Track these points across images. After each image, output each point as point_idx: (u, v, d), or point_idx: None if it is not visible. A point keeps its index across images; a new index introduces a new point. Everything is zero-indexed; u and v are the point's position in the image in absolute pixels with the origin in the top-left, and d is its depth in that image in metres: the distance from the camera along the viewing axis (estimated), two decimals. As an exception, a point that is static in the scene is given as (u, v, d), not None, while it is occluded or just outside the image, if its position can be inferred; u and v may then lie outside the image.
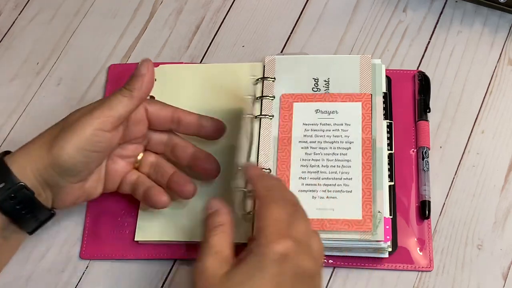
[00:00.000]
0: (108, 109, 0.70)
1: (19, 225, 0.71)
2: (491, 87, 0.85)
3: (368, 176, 0.77)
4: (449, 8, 0.89)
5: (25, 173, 0.69)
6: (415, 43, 0.88)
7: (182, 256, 0.78)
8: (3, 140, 0.86)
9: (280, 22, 0.90)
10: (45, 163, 0.69)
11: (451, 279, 0.77)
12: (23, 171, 0.69)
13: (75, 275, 0.79)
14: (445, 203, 0.80)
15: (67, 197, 0.72)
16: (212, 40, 0.90)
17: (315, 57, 0.85)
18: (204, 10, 0.92)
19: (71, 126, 0.70)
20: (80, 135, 0.69)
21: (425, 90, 0.84)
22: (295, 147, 0.79)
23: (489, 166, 0.82)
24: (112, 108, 0.70)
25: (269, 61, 0.85)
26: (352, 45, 0.88)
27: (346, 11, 0.90)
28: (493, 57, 0.87)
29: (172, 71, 0.86)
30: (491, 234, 0.79)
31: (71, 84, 0.88)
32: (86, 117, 0.70)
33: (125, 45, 0.90)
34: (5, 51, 0.91)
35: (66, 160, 0.69)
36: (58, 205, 0.73)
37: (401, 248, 0.78)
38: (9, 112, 0.87)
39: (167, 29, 0.91)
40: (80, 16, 0.92)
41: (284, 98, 0.82)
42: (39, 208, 0.71)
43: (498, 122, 0.84)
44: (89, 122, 0.69)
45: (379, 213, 0.75)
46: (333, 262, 0.78)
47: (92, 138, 0.69)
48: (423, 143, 0.81)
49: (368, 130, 0.79)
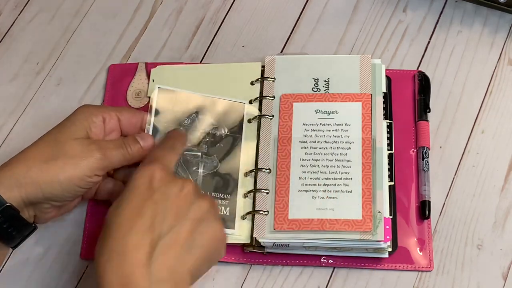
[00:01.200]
0: (108, 160, 0.73)
1: (4, 240, 0.72)
2: (491, 87, 0.85)
3: (368, 176, 0.77)
4: (449, 8, 0.89)
5: (11, 194, 0.70)
6: (415, 43, 0.88)
7: (182, 256, 0.78)
8: (3, 140, 0.86)
9: (280, 22, 0.90)
10: (34, 189, 0.70)
11: (451, 279, 0.77)
12: (10, 192, 0.70)
13: (75, 275, 0.79)
14: (445, 203, 0.80)
15: (49, 215, 0.75)
16: (212, 40, 0.90)
17: (315, 57, 0.85)
18: (204, 10, 0.92)
19: (67, 160, 0.71)
20: (74, 173, 0.71)
21: (425, 90, 0.84)
22: (295, 147, 0.79)
23: (489, 166, 0.82)
24: (111, 161, 0.74)
25: (269, 61, 0.85)
26: (352, 45, 0.88)
27: (346, 11, 0.90)
28: (493, 57, 0.86)
29: (171, 72, 0.86)
30: (491, 234, 0.79)
31: (71, 84, 0.88)
32: (84, 159, 0.72)
33: (125, 45, 0.90)
34: (5, 51, 0.91)
35: (56, 192, 0.72)
36: (40, 221, 0.75)
37: (401, 248, 0.78)
38: (9, 112, 0.87)
39: (167, 29, 0.91)
40: (80, 16, 0.92)
41: (284, 98, 0.82)
42: (23, 224, 0.72)
43: (498, 122, 0.84)
44: (85, 165, 0.72)
45: (379, 213, 0.75)
46: (333, 262, 0.78)
47: (85, 178, 0.72)
48: (423, 143, 0.81)
49: (368, 130, 0.79)
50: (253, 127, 0.82)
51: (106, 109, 0.77)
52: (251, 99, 0.83)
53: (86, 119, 0.75)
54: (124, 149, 0.74)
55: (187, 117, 0.81)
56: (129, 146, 0.75)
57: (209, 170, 0.79)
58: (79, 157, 0.72)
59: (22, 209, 0.71)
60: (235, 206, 0.78)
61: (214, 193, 0.78)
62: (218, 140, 0.81)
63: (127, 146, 0.75)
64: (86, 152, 0.72)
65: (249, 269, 0.78)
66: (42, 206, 0.73)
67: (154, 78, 0.86)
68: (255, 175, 0.79)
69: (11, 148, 0.85)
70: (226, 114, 0.82)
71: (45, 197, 0.71)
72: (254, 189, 0.79)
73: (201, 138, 0.80)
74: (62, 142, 0.73)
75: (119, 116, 0.77)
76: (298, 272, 0.78)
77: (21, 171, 0.70)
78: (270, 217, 0.77)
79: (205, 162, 0.80)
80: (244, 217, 0.78)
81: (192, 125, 0.81)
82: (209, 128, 0.81)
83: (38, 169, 0.71)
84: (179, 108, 0.81)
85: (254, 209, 0.78)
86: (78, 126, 0.74)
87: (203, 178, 0.79)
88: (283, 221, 0.76)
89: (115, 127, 0.77)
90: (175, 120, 0.81)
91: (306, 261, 0.78)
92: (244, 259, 0.78)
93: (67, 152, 0.72)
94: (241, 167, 0.80)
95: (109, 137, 0.77)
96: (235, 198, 0.78)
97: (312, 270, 0.78)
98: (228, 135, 0.81)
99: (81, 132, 0.74)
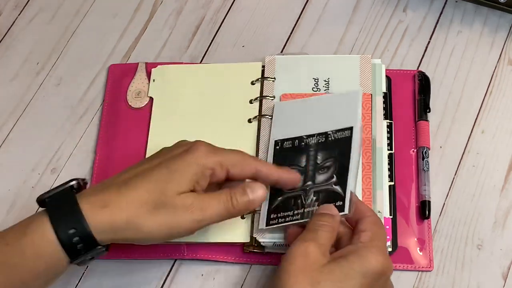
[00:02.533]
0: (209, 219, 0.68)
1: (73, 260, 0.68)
2: (491, 87, 0.85)
3: (368, 176, 0.77)
4: (449, 8, 0.89)
5: (98, 230, 0.66)
6: (415, 43, 0.88)
7: (182, 256, 0.78)
8: (3, 140, 0.86)
9: (280, 22, 0.90)
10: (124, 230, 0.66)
11: (451, 279, 0.77)
12: (97, 227, 0.66)
13: (75, 275, 0.79)
14: (445, 203, 0.80)
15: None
16: (212, 40, 0.90)
17: (315, 57, 0.85)
18: (204, 10, 0.92)
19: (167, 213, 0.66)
20: (171, 232, 0.67)
21: (425, 90, 0.84)
22: (295, 147, 0.79)
23: (489, 166, 0.82)
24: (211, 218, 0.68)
25: (269, 61, 0.85)
26: (352, 45, 0.88)
27: (346, 11, 0.90)
28: (493, 57, 0.86)
29: (171, 72, 0.86)
30: (491, 234, 0.79)
31: (71, 84, 0.88)
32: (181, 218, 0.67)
33: (125, 45, 0.90)
34: (5, 51, 0.91)
35: (145, 242, 0.69)
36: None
37: (401, 248, 0.78)
38: (9, 112, 0.87)
39: (167, 29, 0.91)
40: (80, 16, 0.92)
41: (284, 98, 0.82)
42: (96, 250, 0.67)
43: (498, 122, 0.84)
44: (182, 223, 0.67)
45: (379, 213, 0.75)
46: (333, 262, 0.78)
47: (178, 229, 0.68)
48: (423, 143, 0.81)
49: (368, 130, 0.79)
50: (253, 127, 0.82)
51: (217, 161, 0.69)
52: (251, 99, 0.83)
53: (196, 174, 0.68)
54: (229, 203, 0.69)
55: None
56: (236, 199, 0.69)
57: None
58: (178, 215, 0.67)
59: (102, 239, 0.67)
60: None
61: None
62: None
63: (233, 200, 0.69)
64: (186, 210, 0.67)
65: (249, 269, 0.78)
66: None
67: (155, 78, 0.86)
68: (255, 175, 0.79)
69: (11, 148, 0.85)
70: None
71: (135, 238, 0.68)
72: (254, 189, 0.79)
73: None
74: (168, 196, 0.67)
75: (229, 169, 0.70)
76: (298, 272, 0.78)
77: (121, 221, 0.66)
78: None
79: None
80: (244, 217, 0.78)
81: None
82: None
83: (136, 214, 0.66)
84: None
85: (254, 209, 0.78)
86: (186, 179, 0.68)
87: None
88: (283, 221, 0.76)
89: (221, 178, 0.70)
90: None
91: (306, 261, 0.78)
92: (244, 259, 0.78)
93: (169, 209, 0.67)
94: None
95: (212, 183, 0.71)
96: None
97: (312, 270, 0.78)
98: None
99: (188, 185, 0.68)
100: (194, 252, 0.78)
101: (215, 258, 0.78)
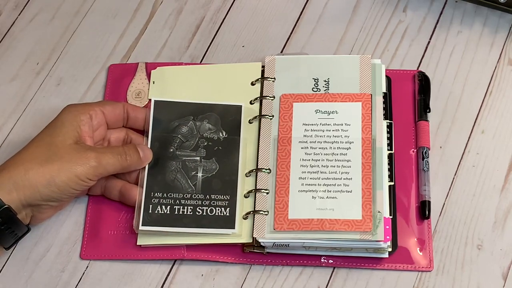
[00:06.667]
0: (103, 168, 0.75)
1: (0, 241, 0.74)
2: (491, 87, 0.85)
3: (368, 176, 0.77)
4: (449, 8, 0.89)
5: (10, 197, 0.72)
6: (415, 43, 0.88)
7: (182, 257, 0.78)
8: (3, 140, 0.86)
9: (280, 22, 0.90)
10: (33, 191, 0.73)
11: (451, 279, 0.77)
12: (8, 195, 0.72)
13: (75, 275, 0.79)
14: (445, 203, 0.80)
15: (46, 214, 0.77)
16: (212, 40, 0.90)
17: (315, 57, 0.85)
18: (204, 10, 0.92)
19: (62, 165, 0.73)
20: (69, 177, 0.73)
21: (425, 90, 0.84)
22: (295, 147, 0.79)
23: (489, 166, 0.82)
24: (106, 168, 0.75)
25: (269, 61, 0.85)
26: (352, 45, 0.88)
27: (346, 11, 0.90)
28: (493, 57, 0.87)
29: (171, 73, 0.86)
30: (491, 234, 0.79)
31: (71, 84, 0.88)
32: (79, 165, 0.74)
33: (125, 45, 0.90)
34: (5, 51, 0.91)
35: (54, 194, 0.74)
36: (37, 221, 0.77)
37: (401, 248, 0.78)
38: (9, 112, 0.87)
39: (167, 29, 0.91)
40: (80, 16, 0.92)
41: (284, 98, 0.82)
42: (18, 225, 0.74)
43: (498, 122, 0.84)
44: (80, 171, 0.74)
45: (379, 213, 0.75)
46: (333, 262, 0.78)
47: (80, 183, 0.74)
48: (423, 143, 0.81)
49: (368, 130, 0.79)
50: (253, 127, 0.82)
51: (91, 106, 0.79)
52: (251, 99, 0.83)
53: (74, 119, 0.76)
54: (123, 156, 0.76)
55: (185, 125, 0.81)
56: (129, 155, 0.77)
57: (208, 173, 0.79)
58: (74, 163, 0.74)
59: (20, 210, 0.73)
60: (235, 206, 0.78)
61: (214, 195, 0.78)
62: (216, 144, 0.81)
63: (126, 155, 0.77)
64: (82, 159, 0.74)
65: (249, 269, 0.78)
66: (40, 207, 0.74)
67: (155, 80, 0.86)
68: (255, 175, 0.79)
69: (11, 148, 0.85)
70: (223, 118, 0.82)
71: (43, 199, 0.73)
72: (254, 189, 0.79)
73: (199, 143, 0.80)
74: (56, 145, 0.74)
75: (103, 110, 0.79)
76: (298, 272, 0.78)
77: (19, 174, 0.72)
78: (270, 217, 0.77)
79: (204, 165, 0.80)
80: (245, 217, 0.78)
81: (189, 132, 0.81)
82: (207, 133, 0.81)
83: (35, 172, 0.72)
84: (175, 117, 0.81)
85: (254, 209, 0.78)
86: (68, 127, 0.76)
87: (202, 181, 0.79)
88: (283, 221, 0.76)
89: (102, 122, 0.79)
90: (172, 129, 0.81)
91: (306, 261, 0.78)
92: (244, 259, 0.78)
93: (63, 156, 0.74)
94: (241, 168, 0.80)
95: (97, 132, 0.79)
96: (235, 198, 0.78)
97: (312, 270, 0.78)
98: (226, 138, 0.81)
99: (72, 133, 0.75)
100: (193, 252, 0.78)
101: (215, 259, 0.78)
